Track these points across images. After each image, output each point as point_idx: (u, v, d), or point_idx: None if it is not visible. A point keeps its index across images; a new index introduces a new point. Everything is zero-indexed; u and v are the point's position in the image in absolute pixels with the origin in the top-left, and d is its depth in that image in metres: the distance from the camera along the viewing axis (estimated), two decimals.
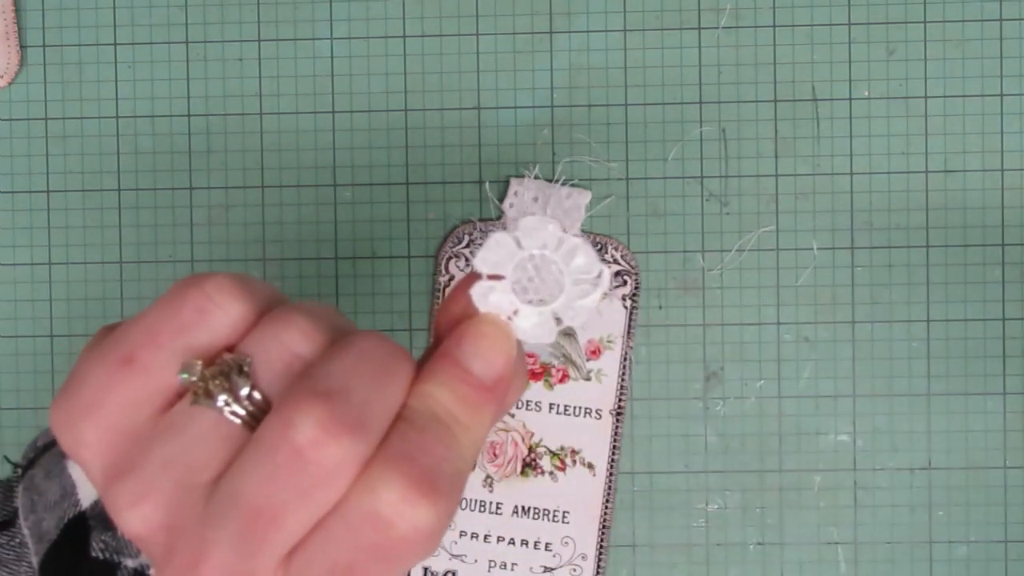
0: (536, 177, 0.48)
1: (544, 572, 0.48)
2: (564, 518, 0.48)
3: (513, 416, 0.48)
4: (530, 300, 0.25)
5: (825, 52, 0.48)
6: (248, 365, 0.23)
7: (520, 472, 0.48)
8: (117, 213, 0.49)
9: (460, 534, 0.48)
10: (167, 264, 0.49)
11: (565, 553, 0.48)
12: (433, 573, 0.48)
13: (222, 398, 0.23)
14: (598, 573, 0.48)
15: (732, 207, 0.48)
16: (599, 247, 0.48)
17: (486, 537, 0.48)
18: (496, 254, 0.25)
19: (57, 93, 0.49)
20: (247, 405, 0.23)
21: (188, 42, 0.49)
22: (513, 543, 0.48)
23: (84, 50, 0.49)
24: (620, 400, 0.48)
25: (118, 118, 0.49)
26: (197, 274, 0.24)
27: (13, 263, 0.49)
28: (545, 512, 0.48)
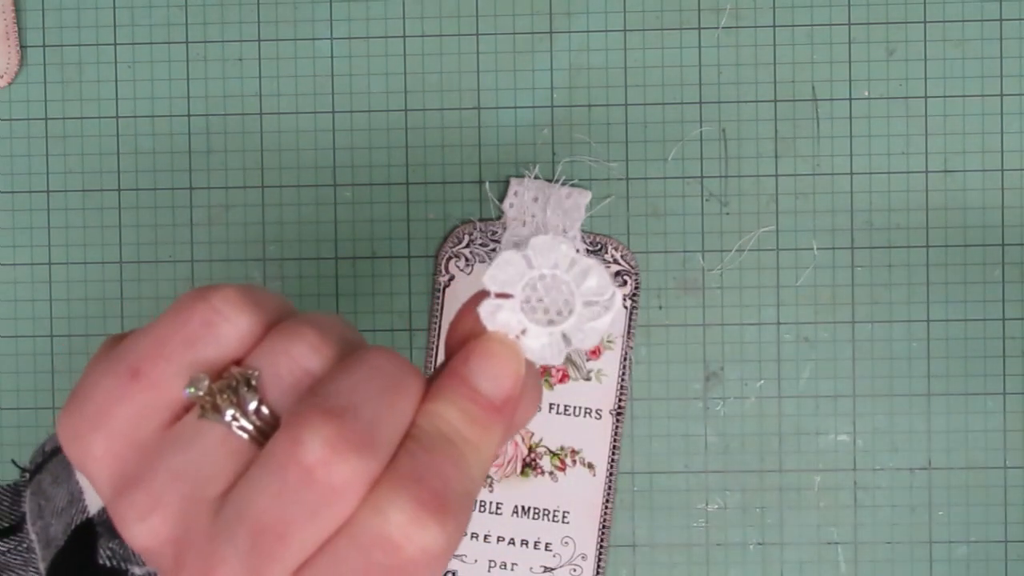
0: (536, 177, 0.48)
1: (544, 572, 0.48)
2: (564, 518, 0.48)
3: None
4: (539, 320, 0.25)
5: (825, 52, 0.48)
6: (256, 379, 0.23)
7: (520, 472, 0.48)
8: (117, 213, 0.49)
9: None
10: (167, 264, 0.49)
11: (565, 553, 0.48)
12: None
13: (230, 412, 0.23)
14: (598, 573, 0.48)
15: (732, 207, 0.48)
16: (599, 247, 0.48)
17: (486, 537, 0.48)
18: (506, 272, 0.24)
19: (57, 93, 0.49)
20: (255, 420, 0.23)
21: (188, 42, 0.49)
22: (513, 543, 0.48)
23: (84, 50, 0.49)
24: (620, 400, 0.48)
25: (118, 118, 0.49)
26: (204, 286, 0.24)
27: (13, 263, 0.49)
28: (545, 512, 0.48)
